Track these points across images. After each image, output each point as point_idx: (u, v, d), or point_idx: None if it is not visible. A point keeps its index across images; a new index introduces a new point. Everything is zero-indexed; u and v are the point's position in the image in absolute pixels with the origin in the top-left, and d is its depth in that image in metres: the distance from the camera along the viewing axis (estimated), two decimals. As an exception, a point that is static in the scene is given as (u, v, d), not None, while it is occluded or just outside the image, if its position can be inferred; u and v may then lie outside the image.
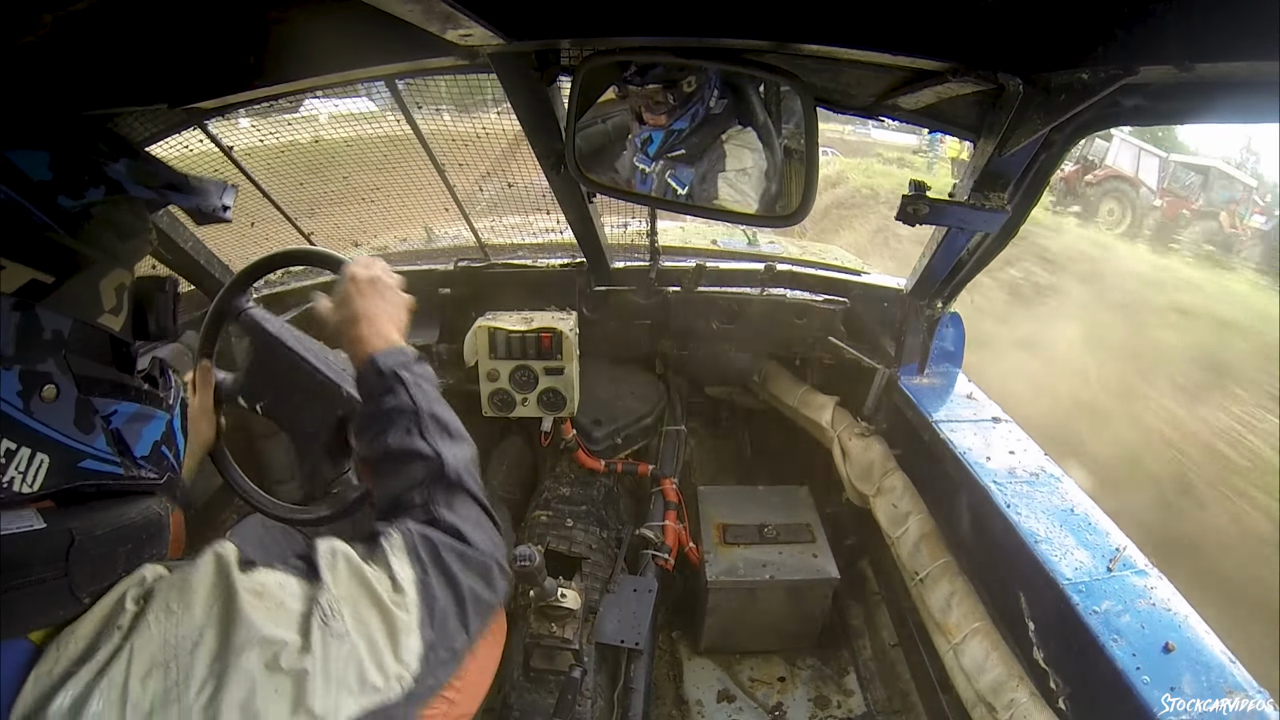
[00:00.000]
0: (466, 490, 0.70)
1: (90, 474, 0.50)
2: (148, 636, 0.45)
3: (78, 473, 0.49)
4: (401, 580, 0.57)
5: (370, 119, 1.53)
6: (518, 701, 1.37)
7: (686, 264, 1.91)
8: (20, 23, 0.64)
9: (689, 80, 1.07)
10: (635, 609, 1.58)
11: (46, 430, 0.46)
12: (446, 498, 0.68)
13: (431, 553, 0.61)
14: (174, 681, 0.44)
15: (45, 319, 0.47)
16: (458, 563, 0.62)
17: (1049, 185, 1.22)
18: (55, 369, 0.47)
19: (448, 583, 0.60)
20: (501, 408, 1.76)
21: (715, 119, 1.12)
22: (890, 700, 1.77)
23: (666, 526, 1.86)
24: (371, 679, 0.51)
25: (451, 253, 2.01)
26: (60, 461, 0.47)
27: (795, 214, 1.01)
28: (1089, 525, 1.28)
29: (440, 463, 0.70)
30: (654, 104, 1.10)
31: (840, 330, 1.88)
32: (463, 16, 0.70)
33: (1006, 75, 0.83)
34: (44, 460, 0.46)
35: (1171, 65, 0.62)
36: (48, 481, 0.46)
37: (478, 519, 0.69)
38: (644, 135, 1.15)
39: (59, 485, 0.47)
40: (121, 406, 0.53)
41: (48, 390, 0.47)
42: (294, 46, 0.90)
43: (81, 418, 0.49)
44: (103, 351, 0.52)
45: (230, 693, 0.44)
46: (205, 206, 0.64)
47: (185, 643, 0.45)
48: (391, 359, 0.80)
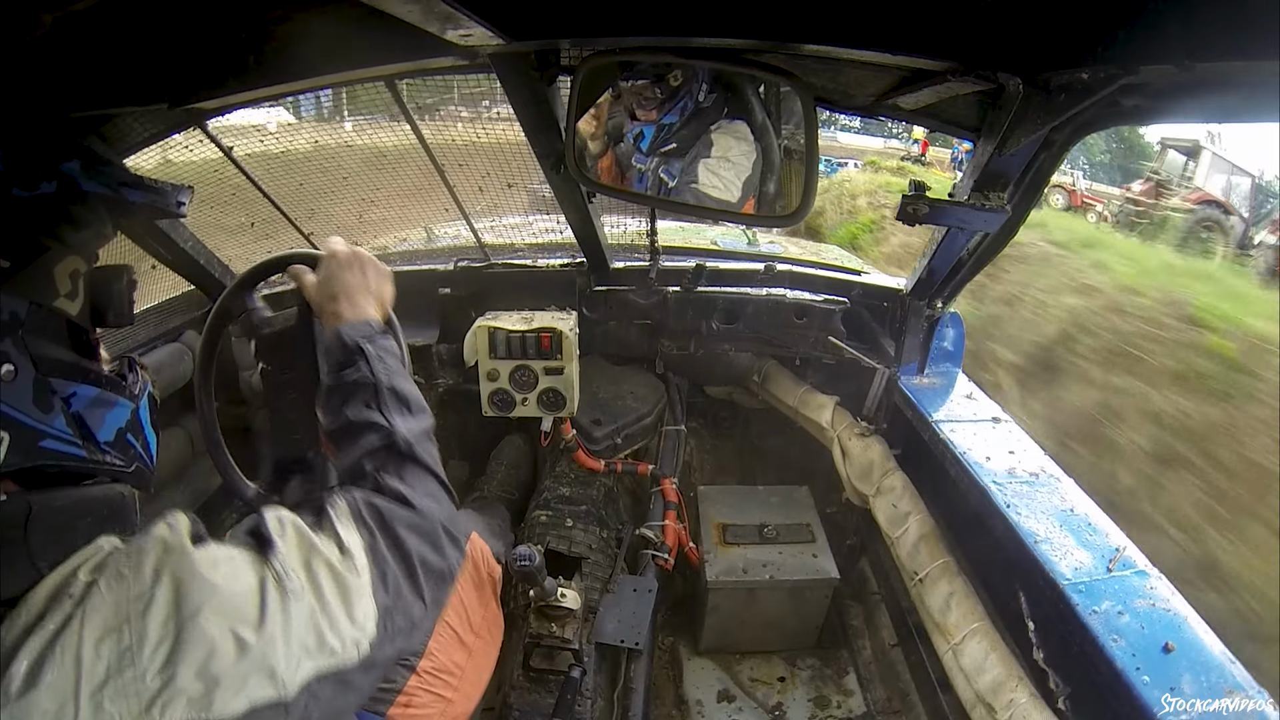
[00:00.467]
0: (417, 460, 0.71)
1: (50, 453, 0.51)
2: (99, 601, 0.45)
3: (38, 451, 0.50)
4: (350, 545, 0.57)
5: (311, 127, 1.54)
6: (517, 701, 1.37)
7: (686, 264, 1.91)
8: (20, 22, 0.64)
9: (675, 74, 1.09)
10: (635, 609, 1.58)
11: (5, 409, 0.47)
12: (397, 467, 0.69)
13: (376, 518, 0.61)
14: (127, 646, 0.43)
15: (2, 301, 0.49)
16: (404, 528, 0.62)
17: (1048, 186, 1.22)
18: (13, 349, 0.49)
19: (394, 547, 0.60)
20: (501, 408, 1.76)
21: (704, 112, 1.14)
22: (890, 700, 1.77)
23: (666, 526, 1.86)
24: (329, 641, 0.51)
25: (451, 253, 2.01)
26: (20, 440, 0.49)
27: (795, 214, 1.01)
28: (1089, 525, 1.28)
29: (391, 433, 0.71)
30: (644, 99, 1.12)
31: (840, 330, 1.88)
32: (463, 17, 0.70)
33: (1006, 75, 0.83)
34: (4, 437, 0.47)
35: (1171, 65, 0.62)
36: (8, 459, 0.47)
37: (428, 488, 0.70)
38: (636, 131, 1.16)
39: (20, 464, 0.49)
40: (81, 389, 0.54)
41: (5, 370, 0.48)
42: (294, 47, 0.89)
43: (40, 397, 0.50)
44: (59, 334, 0.54)
45: (187, 655, 0.44)
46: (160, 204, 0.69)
47: (137, 605, 0.45)
48: (356, 331, 0.81)
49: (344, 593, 0.54)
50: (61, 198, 0.56)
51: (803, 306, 1.89)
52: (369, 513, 0.61)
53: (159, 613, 0.45)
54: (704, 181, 1.13)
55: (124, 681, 0.42)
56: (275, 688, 0.47)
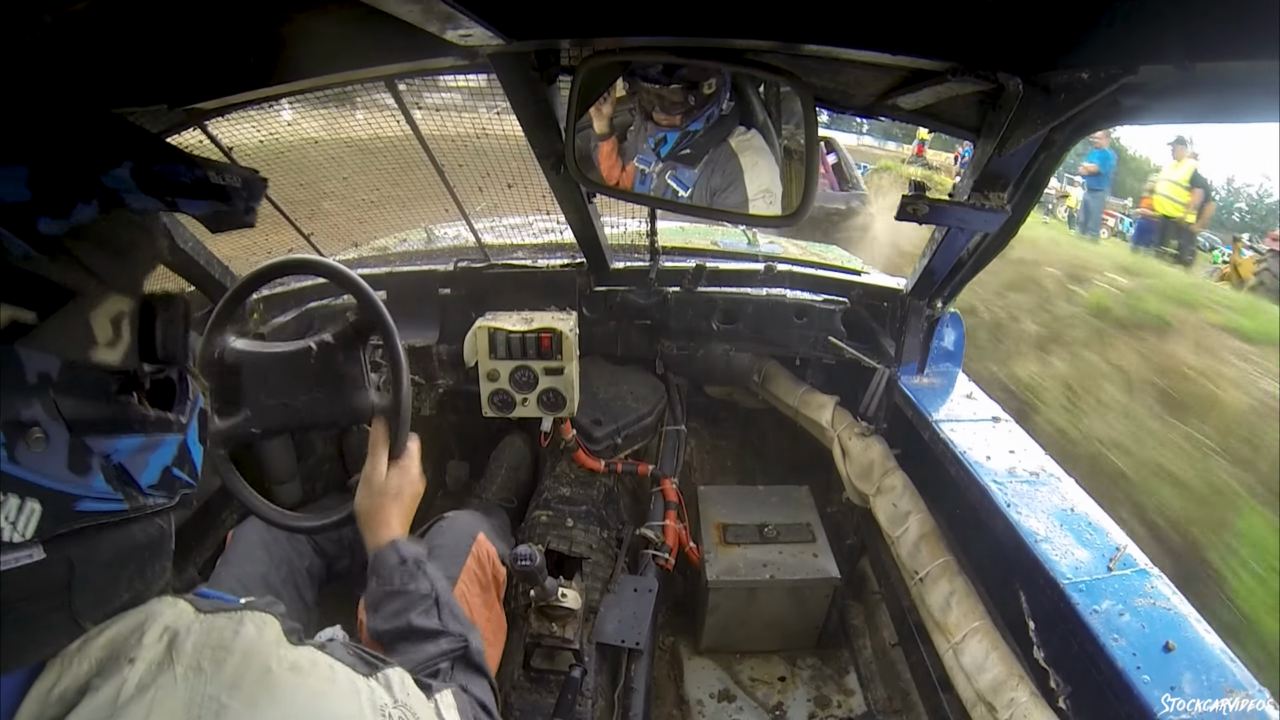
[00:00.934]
0: (483, 672, 0.83)
1: (89, 515, 0.44)
2: (173, 688, 0.43)
3: (74, 515, 0.44)
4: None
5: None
6: (518, 701, 1.37)
7: (686, 264, 1.91)
8: (19, 23, 0.64)
9: (710, 82, 1.08)
10: (636, 609, 1.58)
11: (35, 479, 0.41)
12: (467, 675, 0.80)
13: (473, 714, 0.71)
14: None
15: (28, 360, 0.41)
16: None
17: (1046, 187, 1.22)
18: (42, 414, 0.41)
19: None
20: (501, 408, 1.76)
21: (724, 120, 1.13)
22: (891, 700, 1.77)
23: (667, 526, 1.86)
24: None
25: (451, 253, 2.01)
26: (54, 507, 0.42)
27: (795, 214, 1.01)
28: (1089, 524, 1.28)
29: (465, 644, 0.83)
30: (671, 104, 1.10)
31: (840, 330, 1.88)
32: (462, 17, 0.70)
33: (1006, 75, 0.83)
34: (35, 509, 0.41)
35: (1171, 65, 0.62)
36: (41, 528, 0.41)
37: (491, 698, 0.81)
38: (658, 136, 1.15)
39: (54, 530, 0.42)
40: (123, 443, 0.47)
41: (35, 438, 0.41)
42: (294, 47, 0.90)
43: (76, 461, 0.43)
44: (98, 389, 0.46)
45: None
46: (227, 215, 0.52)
47: (211, 706, 0.43)
48: (412, 549, 0.94)
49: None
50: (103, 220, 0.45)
51: (803, 306, 1.89)
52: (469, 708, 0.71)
53: None
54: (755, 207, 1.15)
55: None
56: None
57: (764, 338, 1.94)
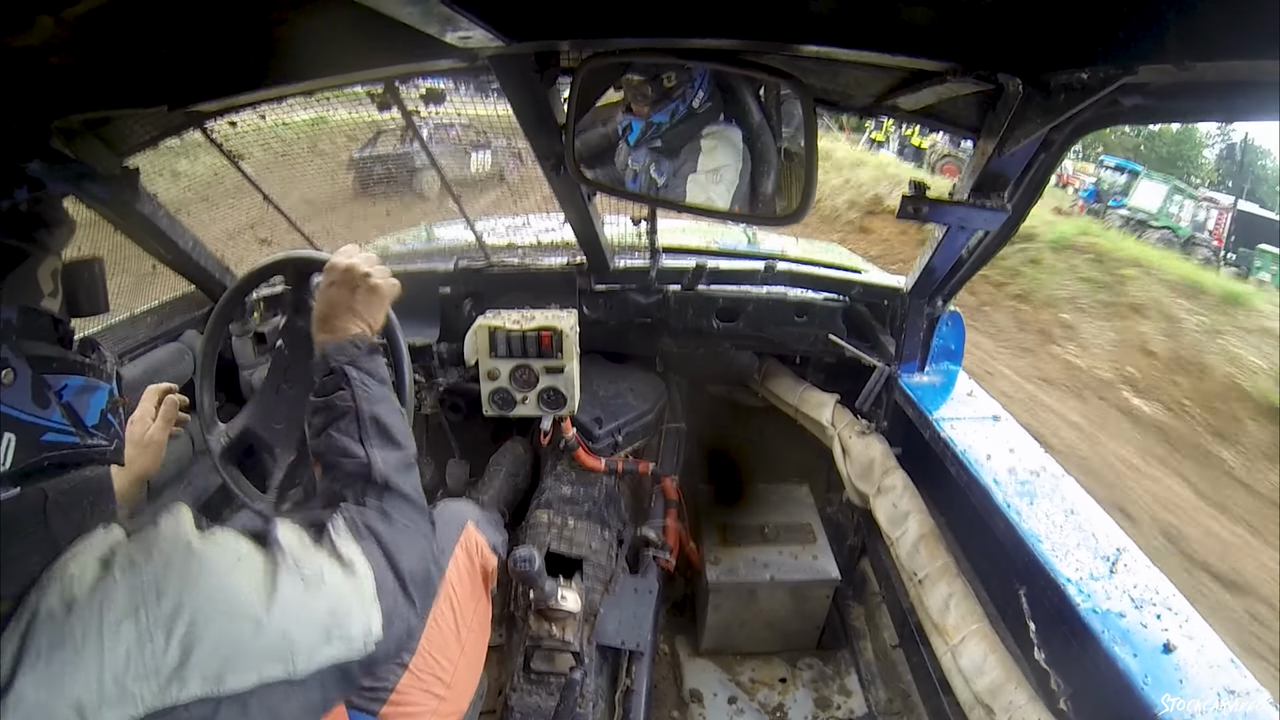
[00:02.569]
0: (396, 490, 0.77)
1: (51, 446, 0.53)
2: (114, 589, 0.48)
3: (41, 446, 0.52)
4: (351, 556, 0.63)
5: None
6: (518, 703, 1.37)
7: (686, 263, 1.91)
8: (19, 25, 0.64)
9: (669, 76, 1.10)
10: (636, 610, 1.58)
11: (9, 411, 0.50)
12: (377, 496, 0.75)
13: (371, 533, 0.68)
14: (144, 629, 0.47)
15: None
16: (393, 544, 0.69)
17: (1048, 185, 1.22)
18: (10, 354, 0.51)
19: (387, 559, 0.67)
20: (502, 406, 1.76)
21: (698, 117, 1.14)
22: (891, 701, 1.77)
23: (668, 526, 1.86)
24: (340, 633, 0.57)
25: (451, 253, 2.01)
26: (25, 438, 0.51)
27: (795, 214, 1.01)
28: (1090, 525, 1.28)
29: (369, 466, 0.77)
30: (638, 95, 1.13)
31: (841, 328, 1.88)
32: (462, 19, 0.70)
33: (1006, 75, 0.83)
34: (11, 439, 0.50)
35: (1171, 65, 0.62)
36: (16, 458, 0.50)
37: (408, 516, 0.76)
38: (624, 124, 1.17)
39: (26, 460, 0.51)
40: (70, 380, 0.56)
41: (6, 374, 0.50)
42: (293, 49, 0.90)
43: (38, 395, 0.53)
44: (47, 332, 0.57)
45: (200, 636, 0.48)
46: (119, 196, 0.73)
47: (151, 592, 0.49)
48: (340, 353, 0.85)
49: (354, 593, 0.60)
50: (34, 201, 0.58)
51: (803, 305, 1.88)
52: (365, 529, 0.68)
53: (172, 598, 0.49)
54: (692, 195, 1.15)
55: (144, 662, 0.46)
56: (285, 668, 0.52)
57: (764, 336, 1.94)
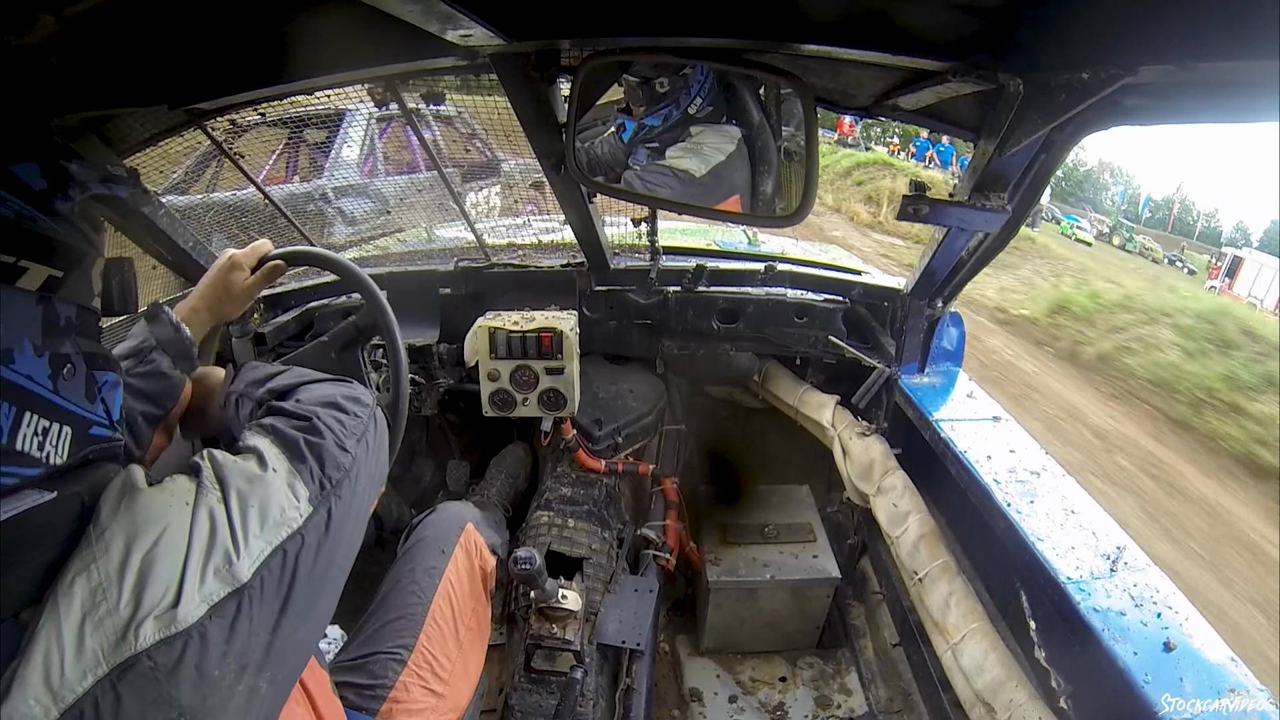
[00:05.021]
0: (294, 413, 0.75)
1: (96, 439, 0.55)
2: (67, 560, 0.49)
3: (89, 439, 0.54)
4: (258, 445, 0.63)
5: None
6: (519, 703, 1.37)
7: (687, 264, 1.91)
8: (20, 24, 0.64)
9: (661, 81, 1.12)
10: (636, 609, 1.58)
11: (69, 405, 0.52)
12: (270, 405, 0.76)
13: (270, 417, 0.68)
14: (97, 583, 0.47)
15: (60, 308, 0.53)
16: (299, 412, 0.69)
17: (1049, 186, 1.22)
18: (71, 349, 0.53)
19: (295, 423, 0.67)
20: (502, 407, 1.76)
21: (693, 121, 1.15)
22: (892, 700, 1.77)
23: (668, 526, 1.86)
24: (271, 517, 0.57)
25: (451, 253, 2.01)
26: (78, 431, 0.53)
27: (795, 214, 1.01)
28: (1090, 524, 1.28)
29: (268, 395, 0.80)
30: (634, 96, 1.15)
31: (841, 329, 1.88)
32: (463, 17, 0.70)
33: (1006, 75, 0.83)
34: (68, 432, 0.52)
35: (1171, 65, 0.62)
36: (71, 451, 0.52)
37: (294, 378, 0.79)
38: (618, 122, 1.18)
39: (78, 453, 0.53)
40: (109, 377, 0.58)
41: (68, 370, 0.52)
42: (294, 47, 0.90)
43: (89, 390, 0.55)
44: (96, 330, 0.59)
45: (148, 579, 0.48)
46: None
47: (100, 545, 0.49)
48: None
49: (270, 480, 0.60)
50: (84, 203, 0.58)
51: (803, 306, 1.89)
52: (266, 421, 0.68)
53: (118, 548, 0.49)
54: (670, 158, 1.17)
55: (99, 616, 0.46)
56: (229, 581, 0.52)
57: (764, 337, 1.94)
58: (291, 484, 0.61)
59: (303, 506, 0.60)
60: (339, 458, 0.66)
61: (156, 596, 0.48)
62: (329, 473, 0.64)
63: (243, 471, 0.59)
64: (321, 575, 0.60)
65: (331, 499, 0.63)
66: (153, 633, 0.47)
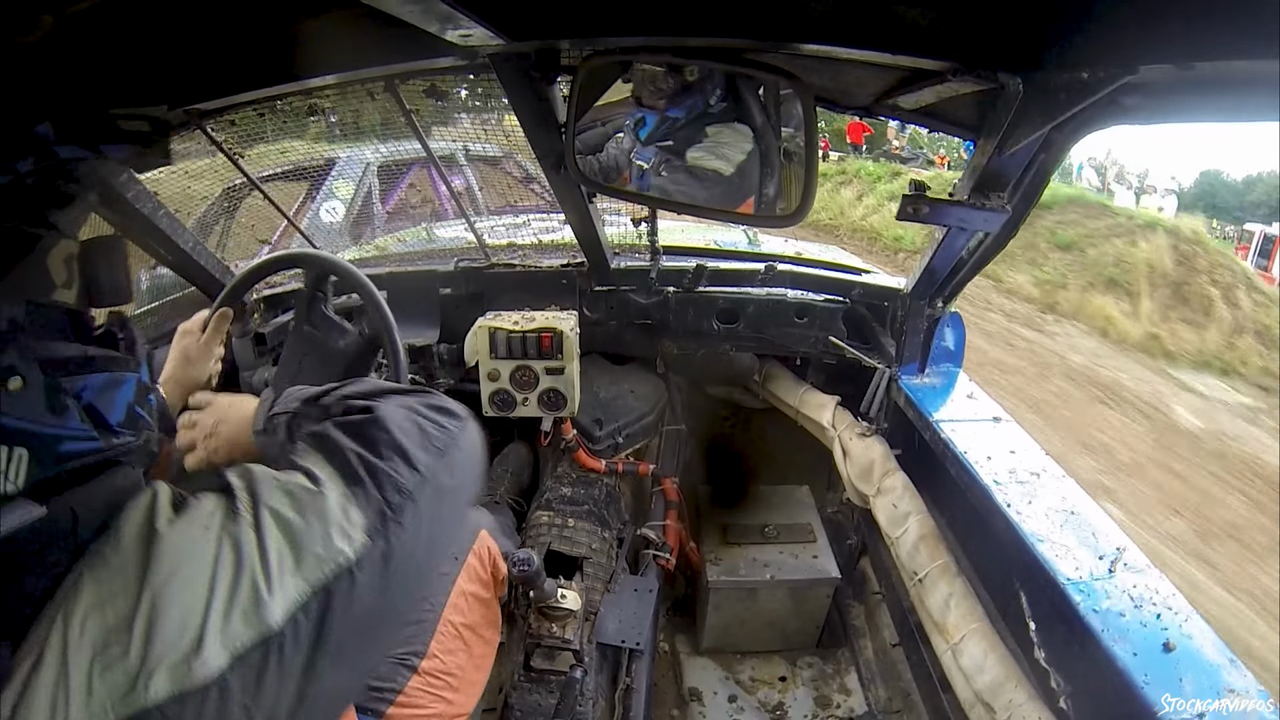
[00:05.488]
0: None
1: (71, 455, 0.47)
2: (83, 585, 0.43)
3: (59, 457, 0.46)
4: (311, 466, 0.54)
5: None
6: (518, 702, 1.37)
7: (687, 264, 1.91)
8: (20, 23, 0.64)
9: (691, 69, 1.08)
10: (636, 609, 1.58)
11: (19, 424, 0.43)
12: None
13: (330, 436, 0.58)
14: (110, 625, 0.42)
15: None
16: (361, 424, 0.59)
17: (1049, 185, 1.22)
18: (17, 359, 0.44)
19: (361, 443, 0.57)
20: (502, 408, 1.76)
21: (709, 119, 1.14)
22: (891, 700, 1.77)
23: (668, 526, 1.86)
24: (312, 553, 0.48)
25: (451, 253, 2.01)
26: (40, 452, 0.44)
27: (795, 214, 1.01)
28: (1089, 525, 1.28)
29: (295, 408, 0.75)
30: (655, 88, 1.11)
31: (841, 330, 1.88)
32: (462, 17, 0.70)
33: (1006, 75, 0.83)
34: (23, 455, 0.43)
35: (1171, 65, 0.62)
36: (31, 474, 0.43)
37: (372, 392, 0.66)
38: (638, 117, 1.16)
39: (43, 476, 0.44)
40: (90, 380, 0.49)
41: (14, 382, 0.43)
42: (294, 47, 0.90)
43: (53, 401, 0.46)
44: (61, 328, 0.49)
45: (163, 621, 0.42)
46: None
47: (116, 582, 0.43)
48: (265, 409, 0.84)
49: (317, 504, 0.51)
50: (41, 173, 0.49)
51: (803, 306, 1.88)
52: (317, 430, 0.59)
53: (133, 586, 0.43)
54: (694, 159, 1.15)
55: (109, 658, 0.41)
56: (256, 626, 0.44)
57: (764, 337, 1.94)
58: (345, 509, 0.51)
59: (356, 537, 0.50)
60: (406, 479, 0.55)
61: (170, 641, 0.42)
62: (390, 497, 0.53)
63: (285, 492, 0.51)
64: (376, 620, 0.52)
65: (393, 529, 0.52)
66: (165, 685, 0.41)
